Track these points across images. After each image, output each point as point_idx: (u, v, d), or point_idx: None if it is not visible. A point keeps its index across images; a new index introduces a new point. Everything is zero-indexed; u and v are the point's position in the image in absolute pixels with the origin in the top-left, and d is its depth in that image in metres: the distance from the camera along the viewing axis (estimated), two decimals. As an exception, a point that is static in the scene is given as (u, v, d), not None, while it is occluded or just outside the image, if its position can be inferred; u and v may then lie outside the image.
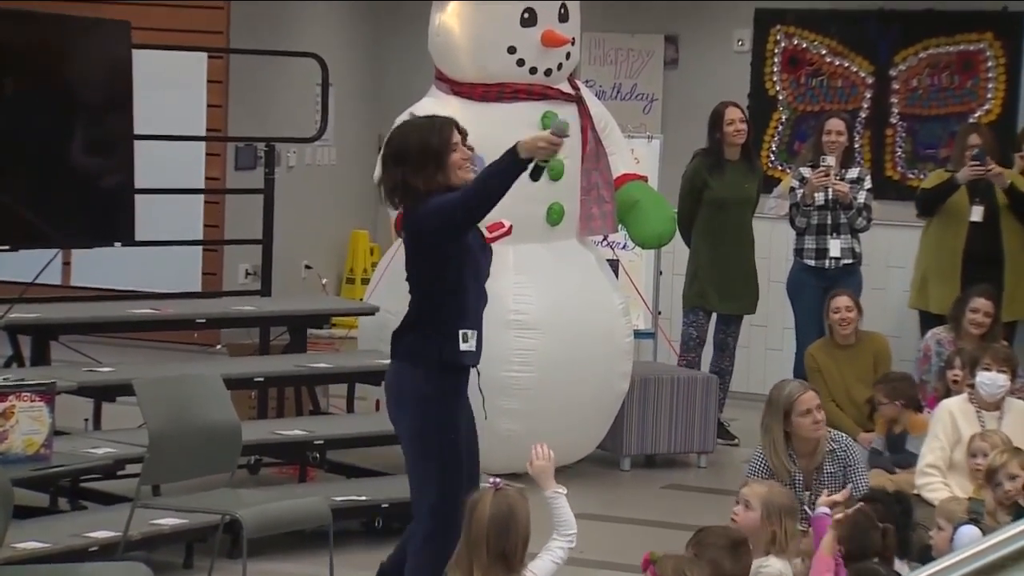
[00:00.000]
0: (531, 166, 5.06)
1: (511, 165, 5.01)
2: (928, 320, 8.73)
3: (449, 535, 4.92)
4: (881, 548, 4.94)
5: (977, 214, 8.57)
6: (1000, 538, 2.46)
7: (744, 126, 8.78)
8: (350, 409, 7.91)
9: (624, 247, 9.03)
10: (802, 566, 5.03)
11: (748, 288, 8.93)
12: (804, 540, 5.22)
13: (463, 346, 5.10)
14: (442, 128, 5.11)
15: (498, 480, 4.43)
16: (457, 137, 5.15)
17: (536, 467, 4.75)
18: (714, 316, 8.95)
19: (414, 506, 5.23)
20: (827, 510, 5.01)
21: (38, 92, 7.53)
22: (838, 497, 5.16)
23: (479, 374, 5.31)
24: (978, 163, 8.47)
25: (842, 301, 8.00)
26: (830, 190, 8.63)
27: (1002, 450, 5.83)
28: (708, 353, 9.03)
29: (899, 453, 7.03)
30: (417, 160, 5.05)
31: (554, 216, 7.85)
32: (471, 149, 5.23)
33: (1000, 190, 8.58)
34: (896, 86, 10.59)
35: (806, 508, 5.31)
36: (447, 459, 5.12)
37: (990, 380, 6.55)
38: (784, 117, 10.86)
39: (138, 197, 7.95)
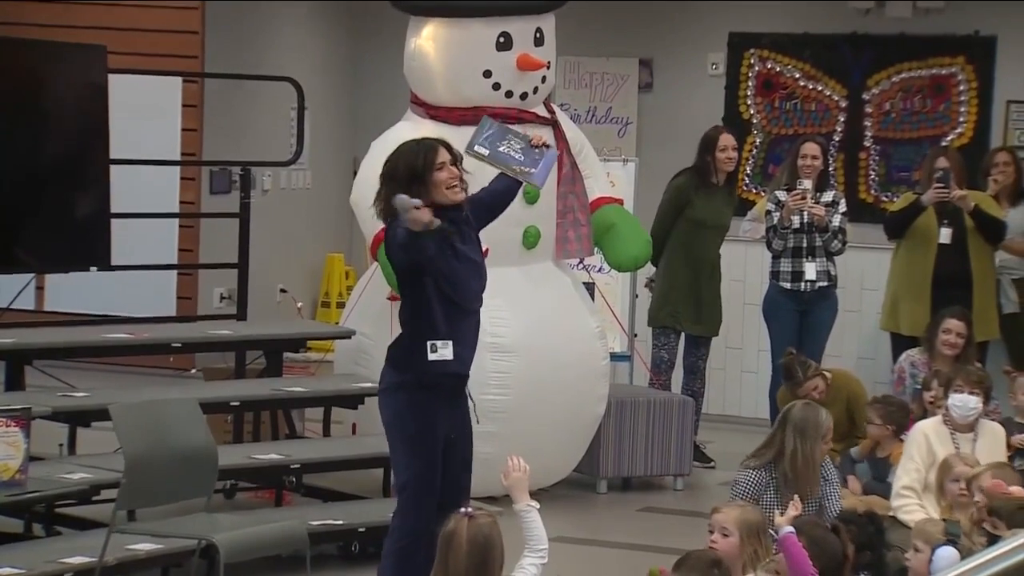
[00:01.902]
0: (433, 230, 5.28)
1: (410, 238, 5.30)
2: (899, 342, 8.76)
3: (416, 512, 5.40)
4: (841, 551, 4.94)
5: (946, 236, 8.63)
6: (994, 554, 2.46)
7: (735, 154, 8.82)
8: (326, 433, 7.89)
9: (600, 270, 9.04)
10: None
11: (715, 311, 8.95)
12: (778, 561, 5.22)
13: (431, 355, 5.38)
14: (428, 150, 5.39)
15: (470, 508, 4.42)
16: (445, 157, 5.39)
17: (512, 479, 4.80)
18: (683, 338, 8.95)
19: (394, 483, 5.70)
20: (790, 528, 5.01)
21: (13, 117, 7.52)
22: (793, 512, 5.21)
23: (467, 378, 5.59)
24: (942, 186, 8.53)
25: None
26: (806, 213, 8.66)
27: (978, 464, 5.86)
28: (679, 375, 9.02)
29: (882, 483, 7.02)
30: (404, 179, 5.32)
31: (530, 239, 7.87)
32: (467, 171, 5.48)
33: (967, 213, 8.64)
34: (869, 110, 10.66)
35: (771, 532, 5.31)
36: (417, 448, 5.43)
37: (961, 402, 6.58)
38: (758, 140, 10.92)
39: (113, 221, 7.94)
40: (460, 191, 5.41)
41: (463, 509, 4.43)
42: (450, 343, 5.39)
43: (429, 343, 5.38)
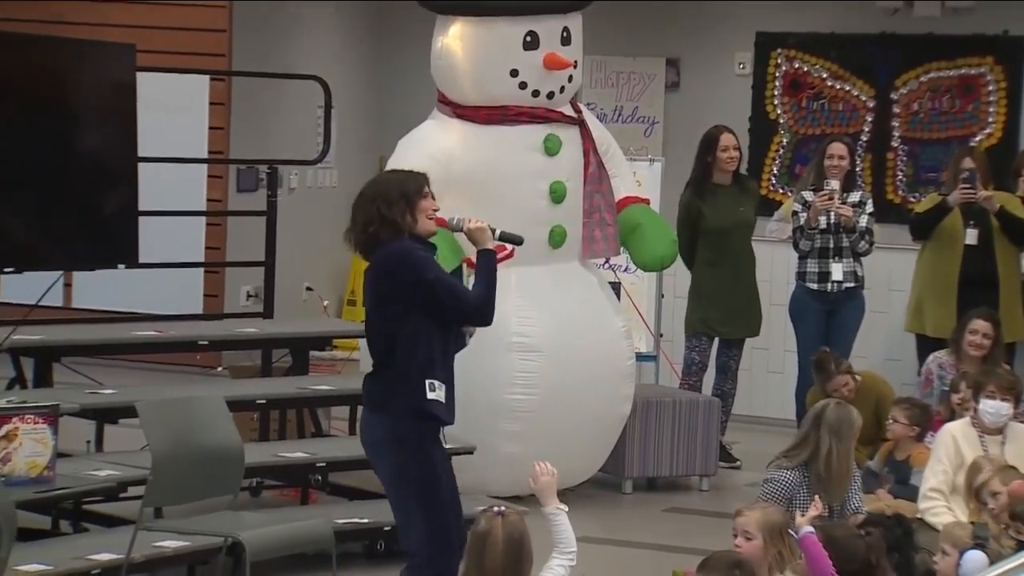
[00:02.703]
0: (497, 237, 5.47)
1: (488, 258, 5.38)
2: (925, 343, 8.74)
3: (443, 559, 5.18)
4: (865, 553, 4.92)
5: (972, 237, 8.60)
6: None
7: (737, 153, 8.80)
8: (352, 431, 7.89)
9: (626, 270, 9.04)
10: None
11: (751, 311, 8.93)
12: (800, 563, 5.21)
13: (430, 395, 5.25)
14: (417, 176, 5.46)
15: (502, 507, 4.43)
16: (428, 189, 5.44)
17: (541, 483, 4.79)
18: (716, 340, 8.94)
19: (401, 543, 5.39)
20: (810, 528, 5.00)
21: (42, 115, 7.54)
22: (813, 512, 5.21)
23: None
24: (968, 186, 8.50)
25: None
26: (833, 214, 8.64)
27: (990, 468, 5.83)
28: (710, 376, 9.02)
29: (905, 485, 7.00)
30: (394, 197, 5.35)
31: (556, 239, 7.86)
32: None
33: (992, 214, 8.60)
34: (897, 110, 10.62)
35: (791, 532, 5.30)
36: (428, 491, 5.28)
37: (994, 409, 6.55)
38: (785, 140, 10.88)
39: (140, 219, 7.96)
40: (435, 225, 5.43)
41: (495, 508, 4.41)
42: (444, 386, 5.28)
43: (427, 381, 5.25)
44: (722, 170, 8.77)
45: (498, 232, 5.47)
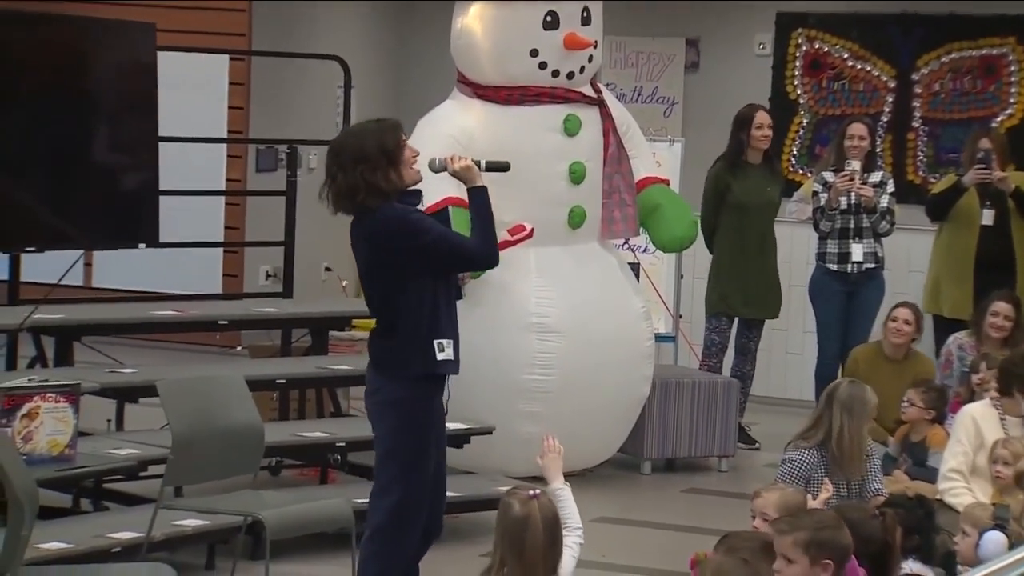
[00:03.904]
0: (483, 167, 5.30)
1: (480, 195, 5.22)
2: (941, 324, 8.73)
3: (402, 535, 5.14)
4: (883, 534, 4.88)
5: (988, 217, 8.58)
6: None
7: (770, 132, 8.78)
8: (371, 412, 7.90)
9: (645, 250, 9.02)
10: None
11: (771, 293, 8.92)
12: None
13: (440, 356, 5.15)
14: (393, 128, 5.24)
15: (535, 490, 4.41)
16: (404, 136, 5.27)
17: (548, 459, 4.78)
18: (736, 320, 8.93)
19: (371, 501, 5.28)
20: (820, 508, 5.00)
21: (62, 94, 7.56)
22: (824, 494, 5.21)
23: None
24: (983, 166, 8.48)
25: (902, 313, 7.92)
26: (854, 194, 8.61)
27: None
28: (729, 356, 9.01)
29: (921, 467, 7.00)
30: (377, 159, 5.14)
31: (576, 219, 7.85)
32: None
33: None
34: (918, 90, 10.58)
35: None
36: (414, 462, 5.18)
37: None
38: (805, 121, 10.86)
39: (159, 199, 7.98)
40: (419, 170, 5.25)
41: (530, 491, 4.37)
42: (452, 342, 5.17)
43: (436, 342, 5.13)
44: (755, 148, 8.75)
45: (483, 163, 5.31)
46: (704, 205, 8.81)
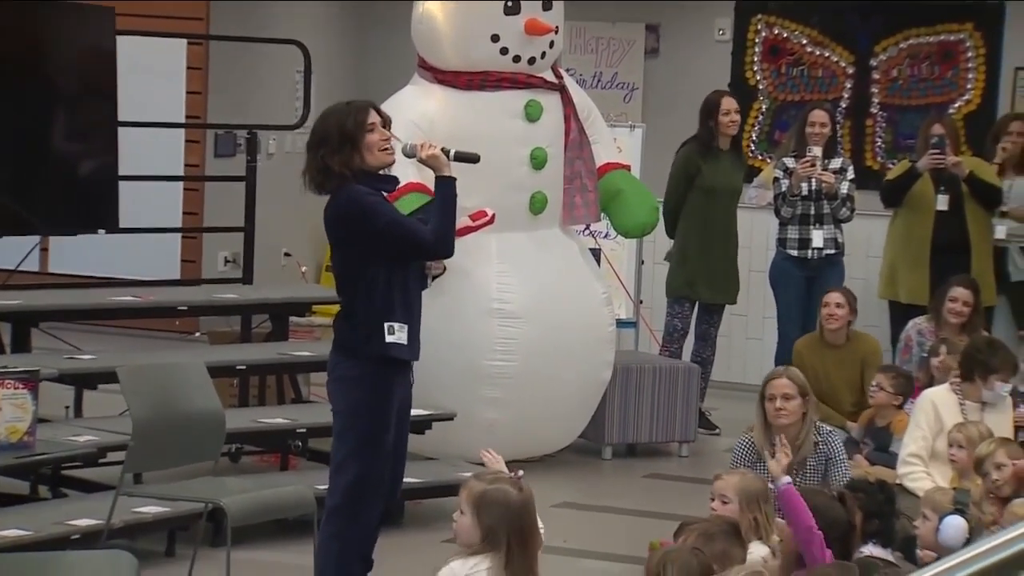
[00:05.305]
0: (451, 156, 5.30)
1: (446, 185, 5.24)
2: (898, 310, 8.77)
3: (357, 514, 5.15)
4: (846, 518, 4.90)
5: (943, 203, 8.63)
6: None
7: (738, 117, 8.80)
8: (332, 397, 7.88)
9: (606, 236, 9.03)
10: (781, 546, 5.00)
11: (731, 278, 8.95)
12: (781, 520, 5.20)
13: (388, 338, 5.19)
14: (358, 111, 5.23)
15: (520, 472, 4.40)
16: (375, 119, 5.24)
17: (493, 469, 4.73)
18: (696, 306, 8.95)
19: (329, 481, 5.30)
20: (788, 479, 4.99)
21: (22, 78, 7.49)
22: (783, 458, 5.16)
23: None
24: (937, 152, 8.53)
25: (833, 297, 7.96)
26: (815, 180, 8.65)
27: (989, 440, 5.84)
28: (690, 343, 9.03)
29: (884, 452, 7.03)
30: (336, 142, 5.17)
31: (537, 205, 7.85)
32: (396, 136, 5.35)
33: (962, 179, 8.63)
34: (876, 76, 10.62)
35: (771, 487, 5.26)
36: (370, 439, 5.21)
37: (1004, 391, 6.51)
38: (764, 107, 10.88)
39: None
40: (391, 153, 5.24)
41: (518, 473, 4.36)
42: (406, 327, 5.20)
43: (386, 324, 5.18)
44: (724, 134, 8.76)
45: (452, 153, 5.31)
46: (670, 187, 8.81)
